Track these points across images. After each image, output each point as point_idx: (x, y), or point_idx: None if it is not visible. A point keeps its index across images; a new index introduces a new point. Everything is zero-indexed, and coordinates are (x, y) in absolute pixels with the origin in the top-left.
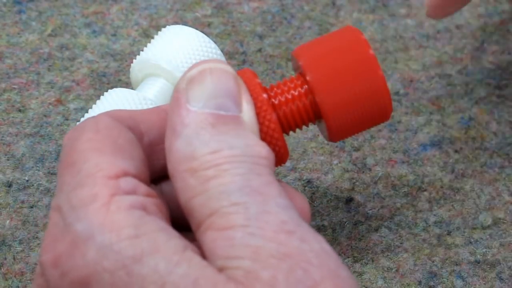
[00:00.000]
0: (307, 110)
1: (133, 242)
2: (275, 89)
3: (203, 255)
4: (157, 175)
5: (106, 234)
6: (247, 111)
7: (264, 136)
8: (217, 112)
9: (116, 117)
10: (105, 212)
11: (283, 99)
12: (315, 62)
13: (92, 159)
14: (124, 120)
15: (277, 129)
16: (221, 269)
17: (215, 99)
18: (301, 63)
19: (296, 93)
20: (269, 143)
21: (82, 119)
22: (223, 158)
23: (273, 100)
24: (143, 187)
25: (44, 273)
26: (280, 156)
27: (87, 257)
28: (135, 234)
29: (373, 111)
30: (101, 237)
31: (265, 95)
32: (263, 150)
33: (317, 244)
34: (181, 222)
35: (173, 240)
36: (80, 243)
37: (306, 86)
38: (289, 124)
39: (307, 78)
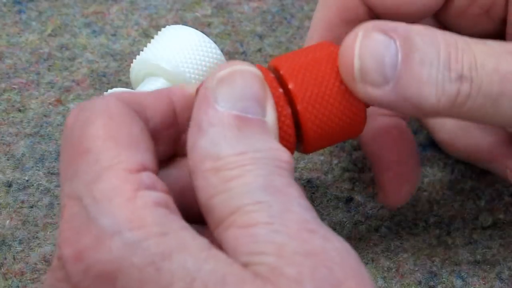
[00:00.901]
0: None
1: (162, 239)
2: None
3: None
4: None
5: (135, 231)
6: (271, 116)
7: (279, 131)
8: (244, 115)
9: (126, 100)
10: (131, 207)
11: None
12: (294, 71)
13: (111, 150)
14: (133, 105)
15: (291, 125)
16: (244, 266)
17: (242, 101)
18: (282, 72)
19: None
20: (282, 138)
21: None
22: (247, 159)
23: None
24: (160, 183)
25: (65, 266)
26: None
27: (114, 252)
28: (163, 232)
29: (348, 127)
30: (129, 233)
31: (281, 90)
32: (285, 155)
33: (339, 243)
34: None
35: (198, 238)
36: (106, 238)
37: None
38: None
39: (289, 86)
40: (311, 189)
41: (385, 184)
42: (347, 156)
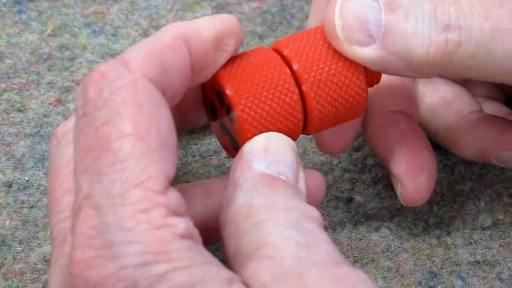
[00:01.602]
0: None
1: (187, 271)
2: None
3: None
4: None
5: (162, 264)
6: (302, 184)
7: (288, 116)
8: (277, 176)
9: (153, 77)
10: (159, 238)
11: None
12: (298, 53)
13: (139, 158)
14: (159, 80)
15: (300, 110)
16: None
17: (277, 164)
18: (286, 54)
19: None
20: (290, 122)
21: None
22: (278, 208)
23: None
24: (183, 203)
25: (75, 283)
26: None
27: (140, 283)
28: (189, 265)
29: (350, 108)
30: (156, 266)
31: (288, 71)
32: (315, 211)
33: (363, 274)
34: None
35: (222, 271)
36: (131, 268)
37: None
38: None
39: (294, 67)
40: None
41: (402, 177)
42: (347, 156)
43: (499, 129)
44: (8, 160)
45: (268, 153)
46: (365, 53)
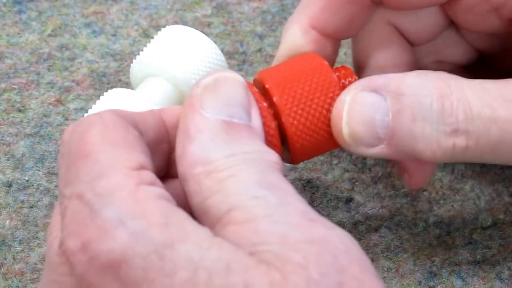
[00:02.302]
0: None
1: (164, 228)
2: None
3: None
4: None
5: (137, 220)
6: (256, 120)
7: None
8: (230, 120)
9: (120, 114)
10: (133, 199)
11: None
12: (280, 85)
13: (110, 151)
14: (127, 118)
15: (276, 135)
16: (249, 255)
17: (228, 107)
18: (268, 86)
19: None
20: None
21: None
22: (238, 160)
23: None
24: (159, 182)
25: (69, 259)
26: None
27: (118, 242)
28: (165, 222)
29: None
30: (132, 223)
31: (265, 104)
32: (273, 156)
33: (340, 230)
34: None
35: (200, 227)
36: (110, 229)
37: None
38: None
39: (274, 100)
40: (311, 189)
41: (409, 167)
42: (347, 156)
43: None
44: (8, 160)
45: (219, 96)
46: (372, 152)
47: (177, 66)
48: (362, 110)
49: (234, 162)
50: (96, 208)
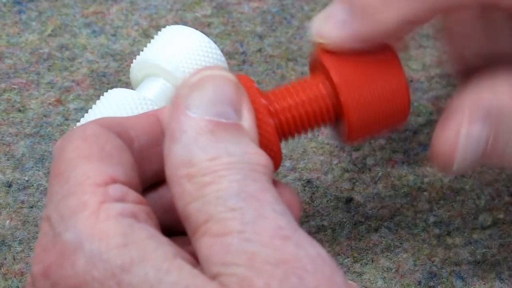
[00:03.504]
0: (323, 112)
1: (122, 251)
2: (270, 95)
3: (197, 261)
4: (150, 181)
5: (95, 243)
6: (247, 119)
7: (261, 141)
8: (217, 119)
9: (104, 124)
10: (94, 220)
11: (285, 104)
12: (338, 63)
13: (80, 167)
14: (112, 127)
15: (273, 133)
16: (215, 276)
17: (215, 106)
18: (326, 64)
19: (309, 97)
20: (265, 148)
21: (82, 119)
22: (220, 164)
23: (270, 107)
24: (132, 194)
25: (34, 284)
26: (274, 162)
27: (77, 267)
28: (124, 243)
29: (392, 112)
30: (90, 246)
31: (263, 101)
32: (261, 158)
33: (313, 249)
34: (176, 229)
35: (162, 247)
36: (69, 253)
37: (324, 87)
38: (289, 130)
39: (334, 79)
40: (311, 189)
41: None
42: (347, 156)
43: None
44: (8, 160)
45: (205, 94)
46: (465, 170)
47: (177, 66)
48: (472, 147)
49: (217, 167)
50: (58, 231)
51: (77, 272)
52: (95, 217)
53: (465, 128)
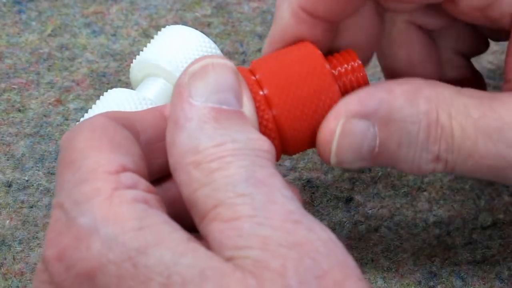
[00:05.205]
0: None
1: (138, 234)
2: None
3: (207, 247)
4: (154, 175)
5: (110, 227)
6: (248, 106)
7: (260, 129)
8: (219, 107)
9: (112, 116)
10: (108, 205)
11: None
12: (272, 76)
13: (91, 156)
14: (119, 120)
15: (274, 128)
16: (229, 259)
17: (217, 93)
18: (258, 77)
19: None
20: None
21: (82, 119)
22: (226, 151)
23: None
24: (143, 182)
25: (48, 268)
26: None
27: (92, 249)
28: (139, 226)
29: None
30: (105, 229)
31: (261, 93)
32: (264, 144)
33: (324, 233)
34: (180, 223)
35: (177, 231)
36: (84, 237)
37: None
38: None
39: (264, 91)
40: (311, 189)
41: None
42: None
43: None
44: (8, 160)
45: (207, 82)
46: (352, 167)
47: (177, 66)
48: (352, 141)
49: (223, 153)
50: (72, 216)
51: (92, 254)
52: (109, 202)
53: (342, 121)
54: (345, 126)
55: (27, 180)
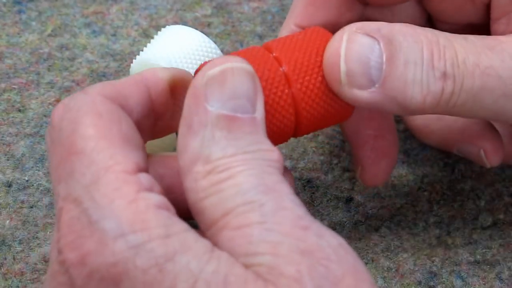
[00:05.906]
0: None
1: (165, 241)
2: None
3: None
4: None
5: (138, 233)
6: (260, 111)
7: (281, 111)
8: (234, 114)
9: (109, 95)
10: (133, 210)
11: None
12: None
13: (105, 150)
14: (116, 98)
15: (292, 104)
16: (245, 267)
17: (233, 100)
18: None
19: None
20: (283, 117)
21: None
22: (236, 161)
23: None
24: (157, 184)
25: (68, 271)
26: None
27: (118, 255)
28: (166, 234)
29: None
30: (132, 236)
31: (282, 69)
32: (274, 154)
33: (334, 239)
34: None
35: (200, 240)
36: (109, 241)
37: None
38: None
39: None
40: (311, 189)
41: (363, 160)
42: (347, 156)
43: (464, 122)
44: (8, 160)
45: (225, 88)
46: (363, 96)
47: (177, 66)
48: (359, 49)
49: (233, 163)
50: (95, 219)
51: (118, 260)
52: (133, 206)
53: (347, 33)
54: (351, 36)
55: (27, 180)
